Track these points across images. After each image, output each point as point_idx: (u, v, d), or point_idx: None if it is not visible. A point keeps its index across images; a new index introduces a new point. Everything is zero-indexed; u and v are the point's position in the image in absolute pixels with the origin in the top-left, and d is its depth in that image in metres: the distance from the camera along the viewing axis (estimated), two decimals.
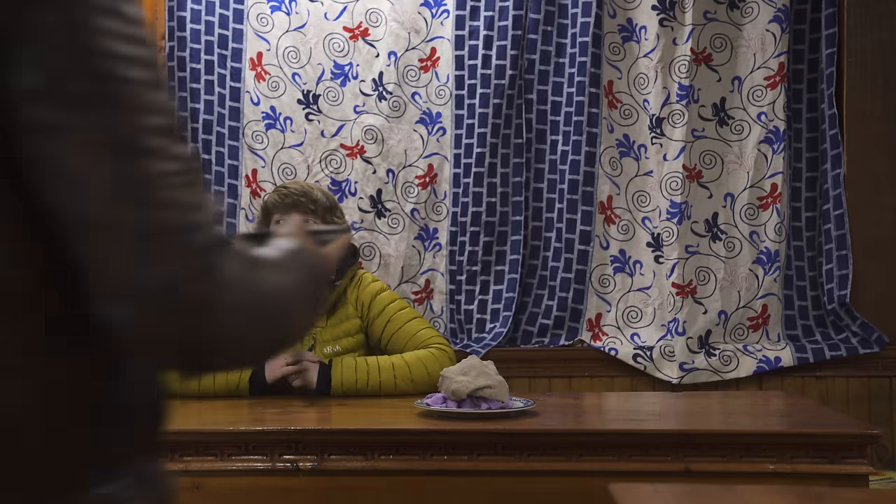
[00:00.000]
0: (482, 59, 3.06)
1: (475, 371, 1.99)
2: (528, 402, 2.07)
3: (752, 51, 3.02)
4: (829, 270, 2.96)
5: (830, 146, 2.96)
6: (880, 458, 2.82)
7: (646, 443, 1.86)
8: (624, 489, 1.28)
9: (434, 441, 1.89)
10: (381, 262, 3.06)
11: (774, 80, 3.01)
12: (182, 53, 3.07)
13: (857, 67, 2.97)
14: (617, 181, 3.06)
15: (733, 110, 3.04)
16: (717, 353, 2.96)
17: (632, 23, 3.05)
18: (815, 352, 2.94)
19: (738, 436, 1.86)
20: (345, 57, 3.09)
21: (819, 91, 3.02)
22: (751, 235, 3.01)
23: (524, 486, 1.88)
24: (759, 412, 2.24)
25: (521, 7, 3.03)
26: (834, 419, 2.04)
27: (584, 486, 1.83)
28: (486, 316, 3.06)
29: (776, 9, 3.00)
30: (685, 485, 1.40)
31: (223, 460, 1.87)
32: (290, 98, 3.08)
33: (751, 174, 3.00)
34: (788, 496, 1.28)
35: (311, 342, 2.36)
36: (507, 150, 3.07)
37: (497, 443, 1.89)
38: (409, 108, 3.10)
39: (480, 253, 3.05)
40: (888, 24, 2.97)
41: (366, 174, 3.09)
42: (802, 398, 2.44)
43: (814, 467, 1.79)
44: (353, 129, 3.09)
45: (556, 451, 1.88)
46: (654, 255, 3.03)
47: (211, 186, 3.09)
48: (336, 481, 1.87)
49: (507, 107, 3.04)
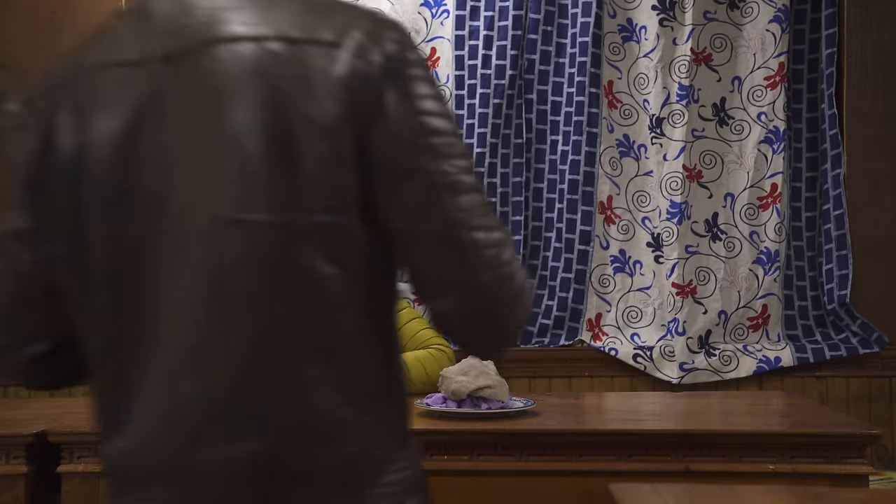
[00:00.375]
0: (482, 59, 3.06)
1: (475, 371, 1.99)
2: (528, 402, 2.07)
3: (752, 51, 3.02)
4: (829, 270, 2.96)
5: (830, 146, 2.96)
6: (880, 458, 2.82)
7: (646, 443, 1.86)
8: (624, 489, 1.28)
9: (434, 441, 1.89)
10: None
11: (774, 80, 3.01)
12: None
13: (857, 67, 2.97)
14: (617, 181, 3.06)
15: (733, 110, 3.04)
16: (717, 353, 2.96)
17: (632, 23, 3.05)
18: (815, 352, 2.94)
19: (738, 436, 1.86)
20: None
21: (819, 91, 3.02)
22: (751, 235, 3.01)
23: (524, 486, 1.88)
24: (759, 412, 2.24)
25: (521, 7, 3.03)
26: (834, 419, 2.03)
27: (584, 486, 1.83)
28: None
29: (776, 9, 3.00)
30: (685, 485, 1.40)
31: None
32: None
33: (751, 174, 3.00)
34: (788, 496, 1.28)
35: None
36: (507, 150, 3.06)
37: (497, 443, 1.89)
38: None
39: None
40: (888, 24, 2.97)
41: None
42: (802, 398, 2.44)
43: (814, 467, 1.79)
44: None
45: (556, 451, 1.89)
46: (654, 255, 3.03)
47: None
48: None
49: (507, 107, 3.04)
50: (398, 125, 0.96)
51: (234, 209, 0.94)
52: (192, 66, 0.96)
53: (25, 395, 2.95)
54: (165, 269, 0.96)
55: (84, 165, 0.98)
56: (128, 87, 0.98)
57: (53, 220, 1.01)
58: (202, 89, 0.95)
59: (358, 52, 0.96)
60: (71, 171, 0.99)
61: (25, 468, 1.90)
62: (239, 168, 0.93)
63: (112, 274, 0.99)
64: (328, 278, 0.96)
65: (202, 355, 0.95)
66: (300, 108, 0.94)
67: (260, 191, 0.93)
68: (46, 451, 1.90)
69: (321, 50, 0.95)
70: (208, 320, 0.95)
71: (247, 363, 0.95)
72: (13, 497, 1.89)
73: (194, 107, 0.96)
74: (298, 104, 0.94)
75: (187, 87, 0.96)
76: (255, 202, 0.93)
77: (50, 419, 2.00)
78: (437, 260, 0.99)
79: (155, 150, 0.96)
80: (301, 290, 0.95)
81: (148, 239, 0.97)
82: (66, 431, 1.91)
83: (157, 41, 0.98)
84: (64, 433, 1.90)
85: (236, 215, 0.94)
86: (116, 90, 0.98)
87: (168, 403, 0.97)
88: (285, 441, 0.96)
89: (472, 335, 1.05)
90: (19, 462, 1.90)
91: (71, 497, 1.88)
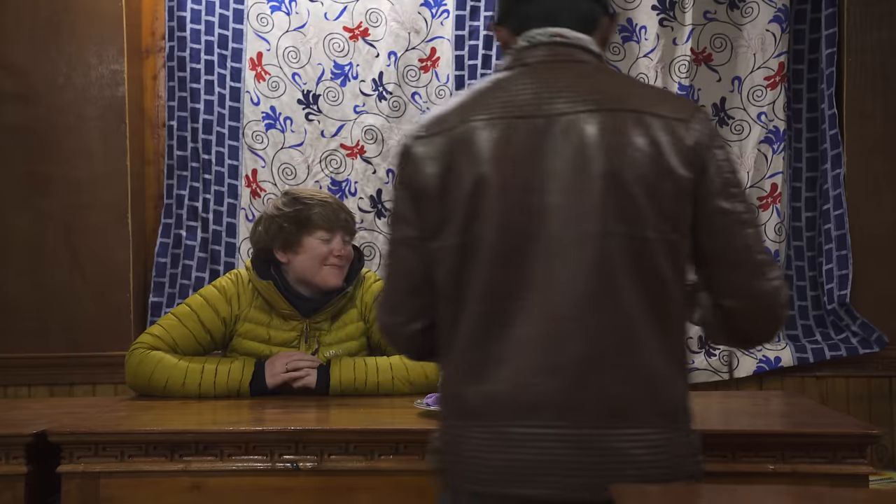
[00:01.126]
0: (482, 59, 3.06)
1: None
2: None
3: (752, 51, 3.02)
4: (829, 270, 2.96)
5: (830, 146, 2.96)
6: (880, 458, 2.82)
7: None
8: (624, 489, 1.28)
9: None
10: (382, 263, 3.06)
11: (774, 80, 3.01)
12: (182, 53, 3.07)
13: (857, 67, 2.97)
14: None
15: (733, 110, 3.04)
16: (717, 353, 2.96)
17: (632, 23, 3.05)
18: (815, 352, 2.94)
19: (738, 436, 1.85)
20: (345, 57, 3.09)
21: (819, 91, 3.02)
22: None
23: None
24: (759, 412, 2.24)
25: None
26: (834, 419, 2.03)
27: None
28: None
29: (776, 9, 3.00)
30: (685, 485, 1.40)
31: (223, 460, 1.87)
32: (290, 98, 3.09)
33: (751, 174, 3.00)
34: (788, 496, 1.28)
35: (315, 346, 2.36)
36: None
37: None
38: (409, 108, 3.10)
39: None
40: (888, 24, 2.97)
41: (366, 174, 3.09)
42: (802, 398, 2.44)
43: (814, 467, 1.79)
44: (353, 129, 3.09)
45: None
46: None
47: (210, 187, 3.09)
48: (336, 481, 1.87)
49: None
50: (715, 177, 1.39)
51: (606, 223, 1.34)
52: (570, 126, 1.38)
53: (25, 395, 2.95)
54: (546, 260, 1.36)
55: (482, 184, 1.37)
56: (517, 133, 1.39)
57: (448, 224, 1.40)
58: (576, 143, 1.37)
59: (700, 127, 1.40)
60: (470, 188, 1.38)
61: (25, 468, 1.89)
62: (613, 195, 1.35)
63: (501, 260, 1.37)
64: (669, 279, 1.37)
65: (580, 324, 1.34)
66: (661, 161, 1.36)
67: (628, 213, 1.35)
68: (46, 451, 1.90)
69: (680, 123, 1.39)
70: (585, 299, 1.34)
71: (615, 331, 1.35)
72: (13, 497, 1.89)
73: (567, 152, 1.37)
74: (659, 158, 1.36)
75: (566, 140, 1.37)
76: (624, 220, 1.35)
77: (50, 419, 2.00)
78: (735, 273, 1.41)
79: (536, 175, 1.37)
80: (652, 286, 1.36)
81: (531, 238, 1.36)
82: (66, 431, 1.90)
83: (543, 107, 1.40)
84: (64, 433, 1.90)
85: (608, 228, 1.34)
86: (507, 135, 1.39)
87: (549, 357, 1.35)
88: (637, 390, 1.36)
89: (757, 325, 1.45)
90: (19, 462, 1.89)
91: (71, 497, 1.87)
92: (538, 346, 1.36)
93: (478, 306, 1.39)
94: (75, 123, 3.01)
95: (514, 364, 1.37)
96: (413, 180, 1.44)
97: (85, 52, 3.01)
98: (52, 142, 3.01)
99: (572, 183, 1.36)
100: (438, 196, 1.41)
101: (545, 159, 1.37)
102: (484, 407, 1.39)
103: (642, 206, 1.35)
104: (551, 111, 1.39)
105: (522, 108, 1.40)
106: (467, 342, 1.41)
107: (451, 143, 1.41)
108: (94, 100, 3.01)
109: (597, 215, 1.35)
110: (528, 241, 1.36)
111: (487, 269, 1.38)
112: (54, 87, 3.01)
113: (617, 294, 1.35)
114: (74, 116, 3.01)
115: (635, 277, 1.35)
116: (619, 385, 1.35)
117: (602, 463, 1.35)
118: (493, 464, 1.38)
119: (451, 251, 1.40)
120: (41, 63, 3.01)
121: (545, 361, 1.36)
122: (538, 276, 1.36)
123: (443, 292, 1.44)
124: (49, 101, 3.01)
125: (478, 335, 1.39)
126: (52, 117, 3.01)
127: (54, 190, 3.01)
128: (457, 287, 1.41)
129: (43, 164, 3.00)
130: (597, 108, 1.38)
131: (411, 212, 1.45)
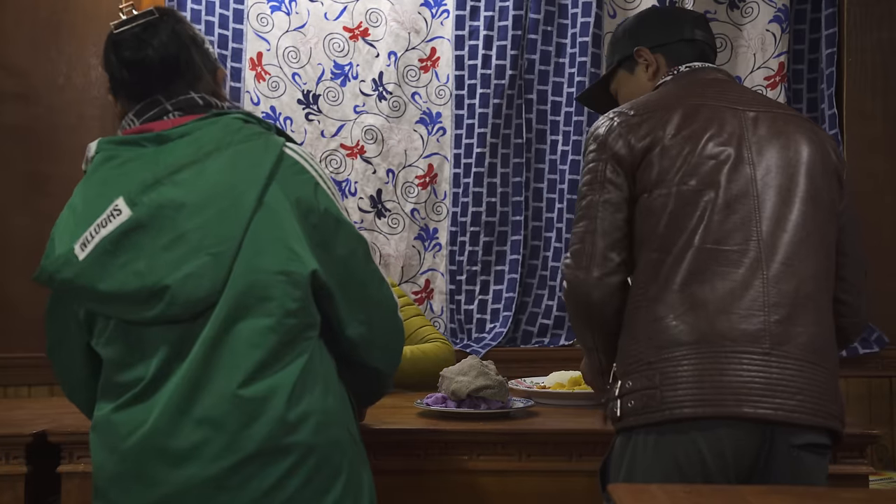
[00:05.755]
0: (482, 59, 3.06)
1: (475, 371, 1.99)
2: (528, 402, 2.07)
3: (752, 51, 3.02)
4: None
5: None
6: (880, 458, 2.82)
7: None
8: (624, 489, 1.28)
9: (434, 441, 1.90)
10: (382, 262, 3.06)
11: (774, 80, 3.01)
12: None
13: (857, 67, 2.97)
14: None
15: None
16: None
17: None
18: None
19: None
20: (345, 57, 3.09)
21: (819, 91, 3.02)
22: None
23: (524, 486, 1.88)
24: None
25: (521, 7, 3.03)
26: None
27: (584, 486, 1.83)
28: (486, 316, 3.07)
29: (776, 9, 3.00)
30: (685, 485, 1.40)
31: None
32: (290, 98, 3.09)
33: None
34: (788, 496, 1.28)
35: None
36: (507, 150, 3.07)
37: (497, 443, 1.89)
38: (409, 108, 3.10)
39: (480, 253, 3.06)
40: (888, 24, 2.97)
41: (366, 174, 3.09)
42: None
43: None
44: (353, 129, 3.09)
45: (556, 451, 1.89)
46: None
47: None
48: None
49: (507, 107, 3.04)
50: None
51: (800, 201, 1.64)
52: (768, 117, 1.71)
53: (25, 395, 2.95)
54: (764, 213, 1.62)
55: (705, 155, 1.63)
56: (722, 117, 1.68)
57: (668, 180, 1.62)
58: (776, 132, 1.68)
59: (836, 147, 1.76)
60: (694, 154, 1.63)
61: (25, 468, 1.90)
62: (800, 181, 1.66)
63: (726, 210, 1.60)
64: (833, 253, 1.69)
65: (788, 271, 1.59)
66: (828, 163, 1.70)
67: (818, 198, 1.67)
68: (46, 451, 1.90)
69: (833, 149, 1.75)
70: (792, 255, 1.60)
71: (808, 282, 1.60)
72: (13, 497, 1.89)
73: (774, 140, 1.67)
74: (828, 161, 1.70)
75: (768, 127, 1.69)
76: (818, 202, 1.66)
77: (50, 419, 2.00)
78: (853, 269, 1.75)
79: (746, 149, 1.66)
80: (827, 255, 1.66)
81: (746, 196, 1.62)
82: (66, 431, 1.90)
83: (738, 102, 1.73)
84: (64, 433, 1.90)
85: (804, 207, 1.64)
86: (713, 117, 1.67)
87: (761, 295, 1.56)
88: (825, 330, 1.63)
89: (862, 310, 1.80)
90: (19, 462, 1.90)
91: (71, 497, 1.88)
92: (753, 285, 1.58)
93: (689, 251, 1.60)
94: (76, 123, 3.01)
95: (717, 297, 1.56)
96: (619, 151, 1.68)
97: (85, 52, 3.01)
98: (52, 142, 3.01)
99: (772, 162, 1.68)
100: (646, 164, 1.65)
101: (746, 140, 1.70)
102: (708, 336, 1.55)
103: (823, 191, 1.70)
104: None
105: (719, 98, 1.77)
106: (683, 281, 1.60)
107: (652, 118, 1.70)
108: (95, 100, 3.01)
109: (790, 193, 1.66)
110: (743, 197, 1.62)
111: (718, 211, 1.61)
112: (54, 87, 3.01)
113: (812, 258, 1.63)
114: (75, 116, 3.01)
115: (823, 248, 1.66)
116: (811, 325, 1.59)
117: (818, 393, 1.56)
118: (724, 385, 1.52)
119: (662, 199, 1.63)
120: (41, 63, 3.01)
121: (757, 298, 1.57)
122: (757, 222, 1.62)
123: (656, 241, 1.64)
124: (49, 101, 3.01)
125: (688, 271, 1.59)
126: (52, 117, 3.01)
127: (54, 190, 3.01)
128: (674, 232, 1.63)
129: (43, 164, 3.00)
130: None
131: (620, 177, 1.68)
